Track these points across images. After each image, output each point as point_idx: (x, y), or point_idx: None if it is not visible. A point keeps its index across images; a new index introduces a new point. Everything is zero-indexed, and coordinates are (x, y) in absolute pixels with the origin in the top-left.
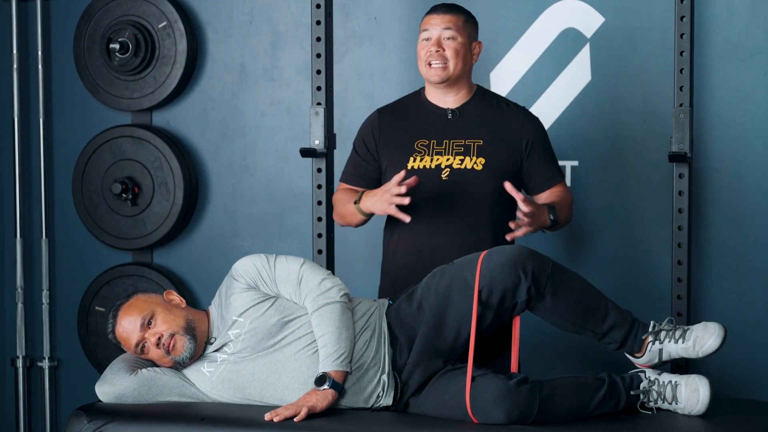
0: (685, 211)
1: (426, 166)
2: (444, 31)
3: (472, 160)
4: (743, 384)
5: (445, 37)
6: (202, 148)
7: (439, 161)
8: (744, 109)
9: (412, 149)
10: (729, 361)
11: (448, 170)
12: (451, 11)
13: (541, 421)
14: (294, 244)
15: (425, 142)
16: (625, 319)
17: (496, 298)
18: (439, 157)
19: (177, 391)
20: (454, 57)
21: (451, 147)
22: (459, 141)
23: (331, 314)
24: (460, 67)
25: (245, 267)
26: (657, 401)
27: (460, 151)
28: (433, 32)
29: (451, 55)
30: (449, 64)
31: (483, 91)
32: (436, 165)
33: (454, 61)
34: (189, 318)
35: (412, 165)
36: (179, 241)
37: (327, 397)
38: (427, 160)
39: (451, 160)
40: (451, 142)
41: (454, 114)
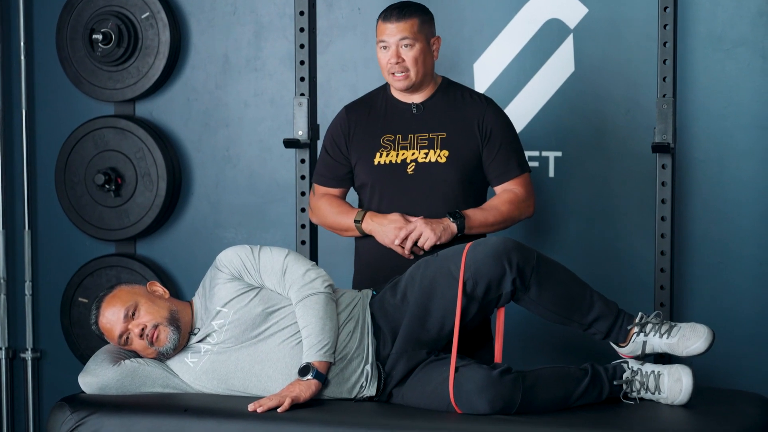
0: (668, 201)
1: (392, 161)
2: (401, 41)
3: (436, 153)
4: (726, 374)
5: (403, 45)
6: (186, 138)
7: (404, 156)
8: (727, 100)
9: (378, 145)
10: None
11: (414, 164)
12: (404, 17)
13: (525, 411)
14: (277, 235)
15: (391, 137)
16: (610, 310)
17: (480, 290)
18: (405, 152)
19: (160, 382)
20: (414, 65)
21: (416, 141)
22: (423, 135)
23: (315, 305)
24: (421, 72)
25: (229, 258)
26: (640, 391)
27: (425, 145)
28: (390, 42)
29: (411, 64)
30: (410, 73)
31: (447, 84)
32: (402, 159)
33: (414, 69)
34: (172, 309)
35: (379, 160)
36: (162, 232)
37: (310, 387)
38: (393, 155)
39: (416, 154)
40: (416, 136)
41: (419, 108)
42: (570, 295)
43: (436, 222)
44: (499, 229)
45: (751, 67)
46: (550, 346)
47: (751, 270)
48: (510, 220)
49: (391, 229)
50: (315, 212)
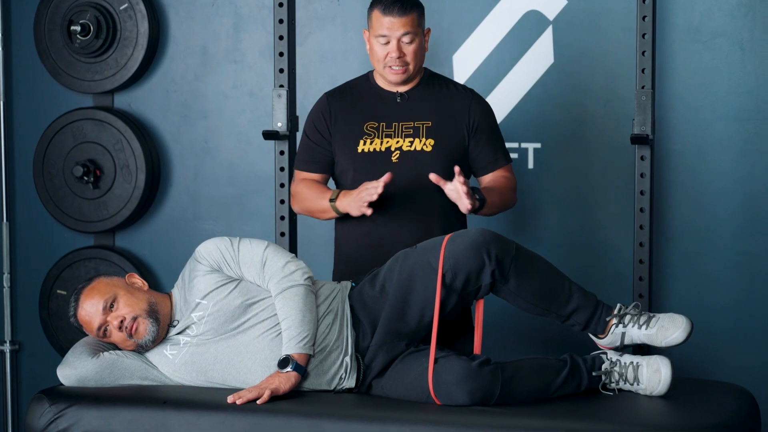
0: (647, 193)
1: (376, 149)
2: (403, 35)
3: (422, 141)
4: (705, 365)
5: (405, 42)
6: (164, 130)
7: (389, 144)
8: (706, 92)
9: (362, 132)
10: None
11: (398, 152)
12: (406, 11)
13: (504, 402)
14: (257, 227)
15: (374, 124)
16: (589, 302)
17: (460, 282)
18: (389, 140)
19: (139, 374)
20: (414, 59)
21: (401, 129)
22: (408, 123)
23: (294, 297)
24: (418, 65)
25: (209, 249)
26: (619, 382)
27: (410, 133)
28: (392, 36)
29: (411, 58)
30: (410, 67)
31: (430, 74)
32: (386, 147)
33: (414, 62)
34: (151, 301)
35: (362, 148)
36: (141, 224)
37: (290, 379)
38: (377, 142)
39: (401, 142)
40: (401, 124)
41: (403, 97)
42: (549, 286)
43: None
44: (493, 214)
45: (729, 58)
46: (529, 338)
47: (729, 260)
48: (505, 208)
49: (354, 197)
50: (294, 198)
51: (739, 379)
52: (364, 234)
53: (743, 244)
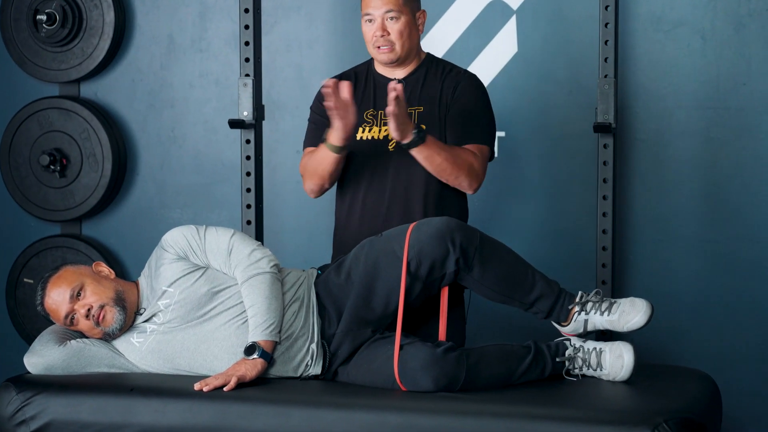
0: (610, 180)
1: (374, 137)
2: (386, 13)
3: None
4: (667, 350)
5: (389, 18)
6: (131, 119)
7: (386, 132)
8: (668, 80)
9: (361, 119)
10: (653, 328)
11: (394, 141)
12: None
13: (468, 388)
14: (223, 215)
15: (373, 112)
16: (552, 290)
17: (424, 270)
18: (386, 128)
19: (106, 362)
20: (399, 39)
21: None
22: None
23: (260, 284)
24: (407, 46)
25: (175, 238)
26: (582, 368)
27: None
28: (375, 15)
29: (396, 38)
30: (396, 47)
31: (431, 59)
32: (384, 136)
33: (400, 42)
34: (118, 289)
35: (361, 136)
36: (108, 213)
37: (256, 366)
38: (375, 130)
39: None
40: None
41: (401, 83)
42: (512, 275)
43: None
44: (439, 174)
45: (690, 47)
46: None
47: (692, 247)
48: (453, 176)
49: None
50: (302, 172)
51: (701, 364)
52: (361, 222)
53: (705, 230)
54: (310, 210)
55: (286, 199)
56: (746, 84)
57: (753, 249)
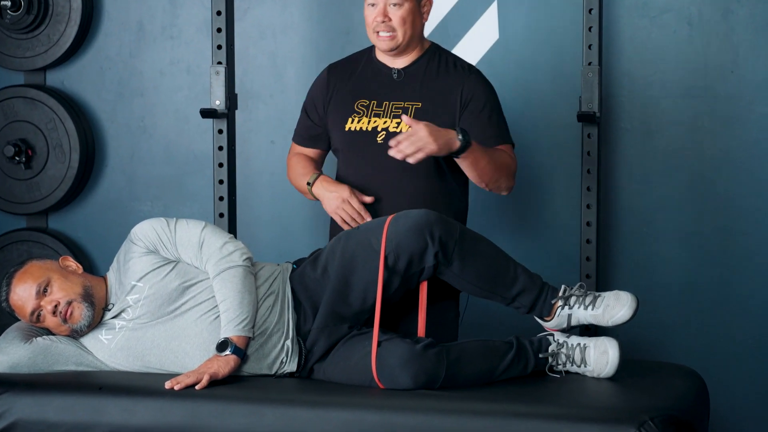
0: (594, 171)
1: (363, 128)
2: None
3: None
4: (654, 346)
5: (391, 3)
6: (99, 108)
7: (376, 124)
8: (653, 68)
9: (352, 110)
10: (638, 323)
11: (384, 133)
12: None
13: (449, 386)
14: (195, 208)
15: (365, 102)
16: (534, 284)
17: (402, 264)
18: (377, 120)
19: (74, 360)
20: (401, 26)
21: (390, 109)
22: (398, 103)
23: (233, 278)
24: (408, 34)
25: (144, 231)
26: (566, 364)
27: (398, 114)
28: (379, 0)
29: (398, 24)
30: (397, 34)
31: (435, 50)
32: (373, 128)
33: (402, 29)
34: (86, 285)
35: (350, 126)
36: (75, 206)
37: (229, 363)
38: (365, 121)
39: (388, 123)
40: (391, 104)
41: (399, 74)
42: (493, 269)
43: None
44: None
45: (677, 34)
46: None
47: (678, 240)
48: (493, 181)
49: (334, 198)
50: (288, 171)
51: (688, 360)
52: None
53: (691, 223)
54: (285, 202)
55: (260, 191)
56: (734, 72)
57: (742, 241)
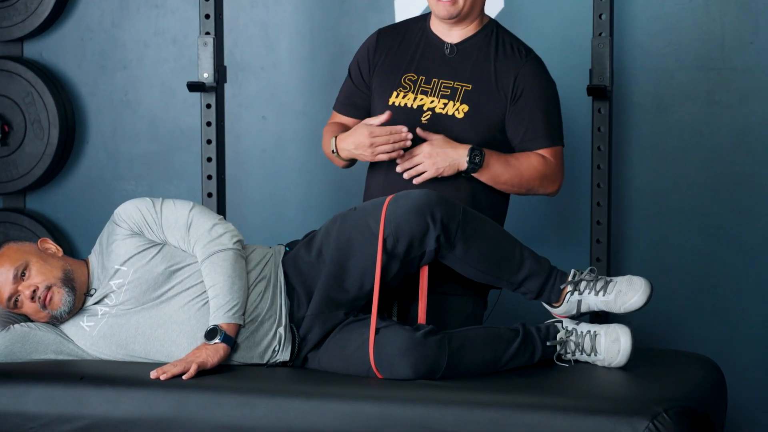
0: (605, 148)
1: (408, 104)
2: None
3: (455, 105)
4: (667, 333)
5: None
6: (80, 82)
7: (422, 102)
8: (668, 39)
9: (398, 83)
10: (652, 310)
11: (430, 113)
12: None
13: (451, 376)
14: (182, 187)
15: (413, 77)
16: (541, 268)
17: (402, 247)
18: (424, 98)
19: (53, 348)
20: None
21: (439, 87)
22: (448, 82)
23: (222, 262)
24: (473, 3)
25: (128, 212)
26: (575, 353)
27: (446, 94)
28: None
29: None
30: (460, 1)
31: (494, 28)
32: (419, 106)
33: None
34: (67, 268)
35: (393, 101)
36: (55, 185)
37: (218, 351)
38: (411, 98)
39: (435, 102)
40: (440, 82)
41: (452, 50)
42: (498, 252)
43: (444, 153)
44: (506, 191)
45: (693, 3)
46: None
47: (693, 221)
48: (525, 189)
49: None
50: (324, 140)
51: (704, 348)
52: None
53: (707, 203)
54: (277, 181)
55: (251, 169)
56: (753, 42)
57: (760, 223)
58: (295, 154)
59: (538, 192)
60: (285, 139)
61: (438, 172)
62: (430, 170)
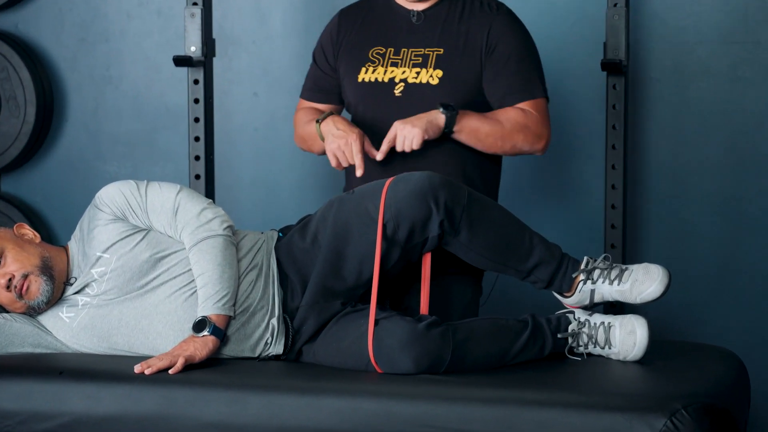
0: (620, 127)
1: (378, 78)
2: None
3: (428, 72)
4: (685, 325)
5: None
6: (58, 56)
7: (393, 74)
8: (688, 11)
9: (366, 58)
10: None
11: (403, 85)
12: None
13: (455, 370)
14: (168, 169)
15: (381, 50)
16: (552, 255)
17: (403, 234)
18: (394, 69)
19: (31, 341)
20: None
21: (409, 57)
22: (418, 50)
23: (212, 249)
24: None
25: (111, 195)
26: (588, 345)
27: (418, 62)
28: None
29: None
30: None
31: None
32: (390, 78)
33: None
34: (45, 255)
35: (363, 77)
36: (32, 166)
37: (207, 344)
38: (381, 71)
39: (407, 72)
40: (410, 51)
41: (419, 17)
42: (506, 238)
43: (415, 117)
44: (494, 148)
45: None
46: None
47: (714, 206)
48: (509, 143)
49: (340, 135)
50: (295, 129)
51: (726, 341)
52: (362, 178)
53: (729, 186)
54: (270, 163)
55: (242, 149)
56: None
57: None
58: (288, 133)
59: (525, 149)
60: (278, 117)
61: (424, 134)
62: (416, 135)
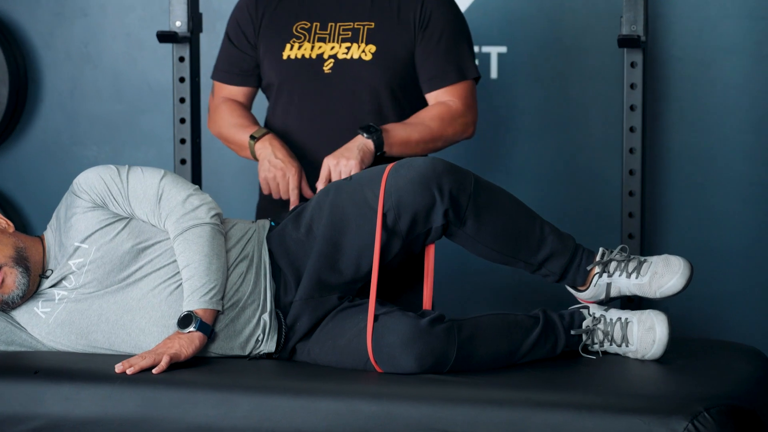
0: (639, 108)
1: (305, 55)
2: None
3: (360, 47)
4: (707, 321)
5: None
6: (33, 31)
7: (321, 50)
8: None
9: (290, 34)
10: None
11: (332, 61)
12: None
13: (460, 369)
14: (151, 153)
15: (306, 24)
16: (565, 246)
17: (404, 224)
18: (322, 45)
19: (3, 338)
20: None
21: (337, 31)
22: (347, 24)
23: (198, 239)
24: None
25: (90, 181)
26: (603, 343)
27: (348, 37)
28: None
29: None
30: None
31: None
32: (318, 54)
33: None
34: (19, 246)
35: (288, 54)
36: (4, 150)
37: (193, 341)
38: (307, 47)
39: (336, 48)
40: (338, 25)
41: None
42: (516, 228)
43: (344, 148)
44: (427, 150)
45: None
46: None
47: (739, 192)
48: (441, 140)
49: (278, 166)
50: (212, 119)
51: (751, 338)
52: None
53: (755, 171)
54: None
55: None
56: None
57: None
58: None
59: (456, 140)
60: None
61: (361, 164)
62: (352, 168)
